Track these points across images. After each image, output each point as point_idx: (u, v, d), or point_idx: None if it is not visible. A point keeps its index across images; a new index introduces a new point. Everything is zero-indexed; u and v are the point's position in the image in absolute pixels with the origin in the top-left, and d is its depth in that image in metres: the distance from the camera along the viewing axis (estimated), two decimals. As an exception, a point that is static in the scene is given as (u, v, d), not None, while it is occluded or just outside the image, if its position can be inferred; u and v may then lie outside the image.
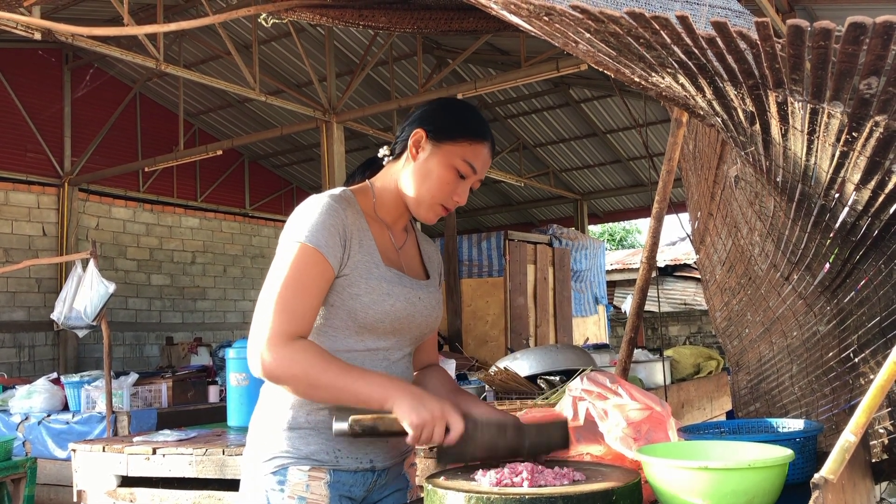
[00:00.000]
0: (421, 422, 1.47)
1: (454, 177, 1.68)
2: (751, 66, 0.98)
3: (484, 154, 1.71)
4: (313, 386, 1.50)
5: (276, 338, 1.50)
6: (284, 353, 1.49)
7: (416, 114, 1.75)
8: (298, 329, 1.52)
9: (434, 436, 1.48)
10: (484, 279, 9.54)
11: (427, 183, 1.68)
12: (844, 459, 1.04)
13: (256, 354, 1.51)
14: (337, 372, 1.50)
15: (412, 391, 1.52)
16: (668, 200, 3.25)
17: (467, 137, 1.68)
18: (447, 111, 1.73)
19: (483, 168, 1.72)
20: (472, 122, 1.71)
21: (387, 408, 1.50)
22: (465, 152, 1.67)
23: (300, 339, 1.52)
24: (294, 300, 1.53)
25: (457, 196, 1.70)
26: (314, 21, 4.51)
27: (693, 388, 4.89)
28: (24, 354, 10.66)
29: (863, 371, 2.13)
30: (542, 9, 0.96)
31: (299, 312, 1.53)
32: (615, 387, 1.87)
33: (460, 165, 1.67)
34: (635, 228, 29.87)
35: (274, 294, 1.53)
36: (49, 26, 4.85)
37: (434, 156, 1.68)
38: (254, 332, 1.53)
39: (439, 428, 1.48)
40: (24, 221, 10.83)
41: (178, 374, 6.34)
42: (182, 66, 9.17)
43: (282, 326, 1.51)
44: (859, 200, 1.53)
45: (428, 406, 1.48)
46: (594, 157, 13.88)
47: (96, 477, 3.36)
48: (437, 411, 1.49)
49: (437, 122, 1.70)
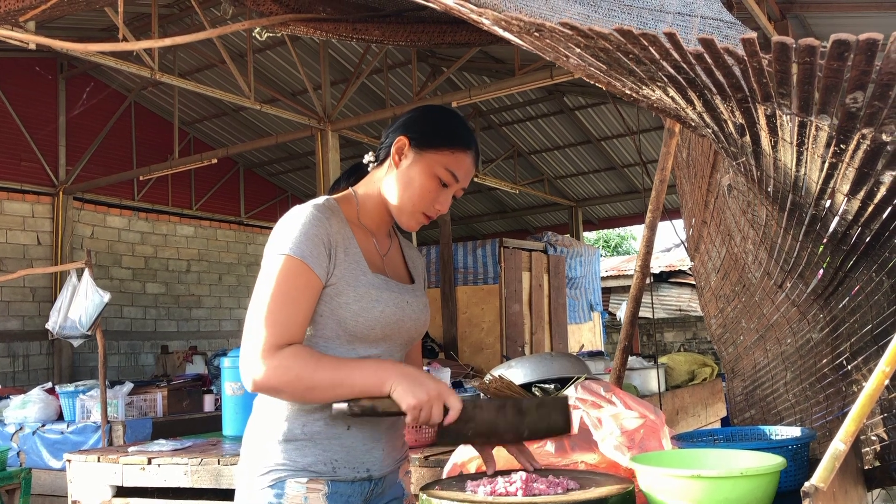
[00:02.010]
0: (418, 402, 1.46)
1: (436, 185, 1.67)
2: (739, 81, 0.99)
3: (467, 163, 1.70)
4: (309, 388, 1.49)
5: (267, 350, 1.49)
6: (274, 362, 1.48)
7: (399, 120, 1.74)
8: (288, 340, 1.52)
9: (433, 415, 1.48)
10: (479, 286, 9.54)
11: (409, 191, 1.67)
12: (834, 467, 1.05)
13: (249, 369, 1.50)
14: (330, 368, 1.50)
15: (407, 372, 1.51)
16: (661, 209, 3.27)
17: (450, 146, 1.67)
18: (430, 119, 1.72)
19: (466, 177, 1.71)
20: (456, 131, 1.70)
21: (385, 392, 1.49)
22: (447, 161, 1.67)
23: (288, 346, 1.51)
24: (283, 312, 1.52)
25: (438, 204, 1.69)
26: (308, 34, 4.53)
27: (688, 394, 4.89)
28: (19, 364, 10.63)
29: (856, 378, 2.14)
30: (532, 25, 0.97)
31: (289, 324, 1.52)
32: (609, 395, 1.88)
33: (442, 174, 1.67)
34: (630, 235, 29.92)
35: (262, 308, 1.53)
36: (47, 42, 4.85)
37: (416, 164, 1.67)
38: (245, 348, 1.52)
39: (437, 408, 1.48)
40: (18, 230, 10.81)
41: (174, 384, 6.32)
42: (177, 75, 9.18)
43: (272, 339, 1.50)
44: (849, 210, 1.54)
45: (425, 385, 1.48)
46: (589, 165, 13.92)
47: (91, 487, 3.35)
48: (434, 391, 1.48)
49: (420, 130, 1.69)
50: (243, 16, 7.35)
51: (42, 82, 11.27)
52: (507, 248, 9.72)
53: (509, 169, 13.86)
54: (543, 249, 10.61)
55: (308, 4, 4.00)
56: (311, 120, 9.58)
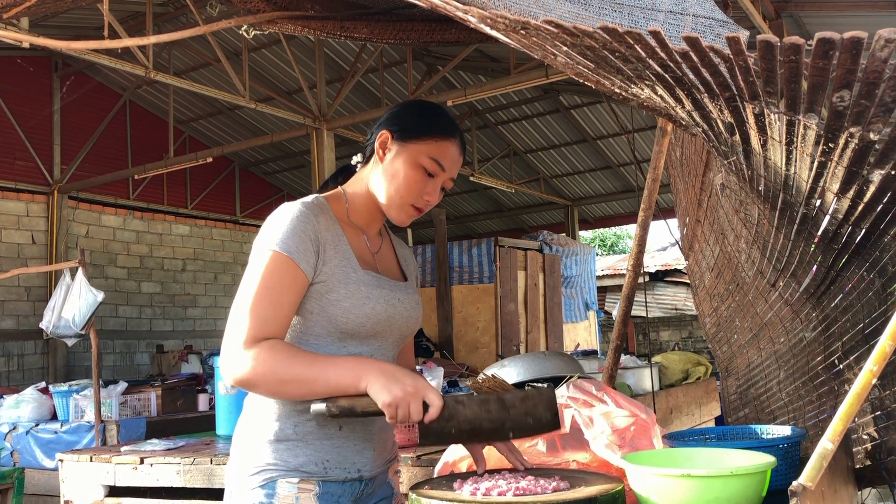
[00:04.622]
0: (393, 399, 1.44)
1: (422, 176, 1.67)
2: (726, 79, 0.99)
3: (452, 151, 1.69)
4: (283, 381, 1.47)
5: (245, 343, 1.49)
6: (250, 354, 1.47)
7: (383, 116, 1.75)
8: (269, 335, 1.51)
9: (411, 413, 1.45)
10: (475, 285, 9.54)
11: (395, 183, 1.67)
12: (822, 467, 1.05)
13: (227, 361, 1.50)
14: (305, 363, 1.48)
15: (384, 368, 1.49)
16: (653, 208, 3.27)
17: (432, 135, 1.67)
18: (411, 110, 1.73)
19: (452, 165, 1.70)
20: (437, 120, 1.70)
21: (361, 389, 1.46)
22: (430, 150, 1.66)
23: (266, 340, 1.50)
24: (265, 307, 1.51)
25: (427, 195, 1.68)
26: (296, 32, 4.52)
27: (682, 393, 4.90)
28: (13, 363, 10.60)
29: (847, 377, 2.14)
30: (517, 23, 0.97)
31: (270, 318, 1.51)
32: (601, 394, 1.88)
33: (427, 163, 1.66)
34: (626, 234, 29.93)
35: (247, 302, 1.52)
36: (39, 42, 4.84)
37: (400, 156, 1.67)
38: (225, 341, 1.52)
39: (415, 405, 1.45)
40: (13, 230, 10.78)
41: (168, 383, 6.30)
42: (172, 74, 9.16)
43: (252, 332, 1.49)
44: (839, 209, 1.54)
45: (401, 382, 1.46)
46: (584, 163, 13.92)
47: (84, 487, 3.34)
48: (411, 387, 1.46)
49: (401, 122, 1.69)
50: (236, 14, 7.34)
51: (36, 81, 11.24)
52: (503, 247, 9.71)
53: (505, 168, 13.86)
54: (539, 248, 10.61)
55: (296, 2, 3.99)
56: (306, 119, 9.57)
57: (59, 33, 9.05)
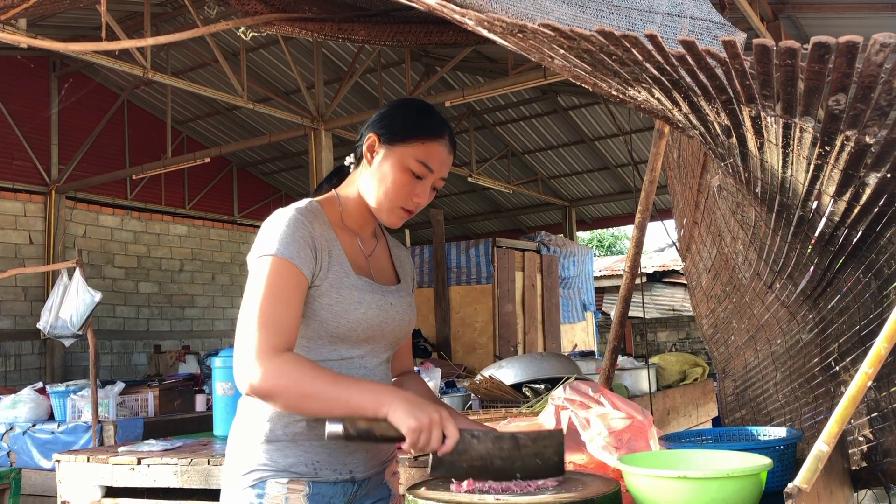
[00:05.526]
0: (419, 425, 1.43)
1: (409, 178, 1.65)
2: (723, 83, 0.99)
3: (439, 152, 1.67)
4: (304, 396, 1.46)
5: (263, 353, 1.47)
6: (272, 365, 1.46)
7: (371, 118, 1.73)
8: (284, 342, 1.50)
9: (431, 442, 1.44)
10: (472, 286, 9.54)
11: (383, 186, 1.66)
12: (818, 468, 1.05)
13: (244, 372, 1.48)
14: (328, 381, 1.47)
15: (407, 397, 1.48)
16: (650, 210, 3.27)
17: (419, 137, 1.65)
18: (398, 112, 1.71)
19: (441, 166, 1.68)
20: (423, 122, 1.68)
21: (381, 415, 1.45)
22: (417, 153, 1.65)
23: (287, 352, 1.50)
24: (276, 313, 1.50)
25: (416, 197, 1.67)
26: (293, 34, 4.52)
27: (679, 394, 4.90)
28: (11, 363, 10.59)
29: (844, 379, 2.15)
30: (514, 26, 0.97)
31: (282, 325, 1.50)
32: (597, 396, 1.88)
33: (414, 166, 1.65)
34: (624, 235, 29.95)
35: (255, 310, 1.51)
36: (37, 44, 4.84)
37: (387, 159, 1.66)
38: (239, 351, 1.50)
39: (437, 433, 1.44)
40: (10, 230, 10.77)
41: (165, 383, 6.29)
42: (170, 74, 9.15)
43: (267, 341, 1.48)
44: (836, 211, 1.55)
45: (426, 410, 1.45)
46: (582, 164, 13.93)
47: (80, 488, 3.34)
48: (436, 416, 1.45)
49: (388, 125, 1.68)
50: (235, 15, 7.34)
51: (34, 80, 11.23)
52: (501, 247, 9.71)
53: (503, 169, 13.86)
54: (537, 249, 10.61)
55: (293, 4, 3.99)
56: (304, 119, 9.56)
57: (56, 33, 9.04)
